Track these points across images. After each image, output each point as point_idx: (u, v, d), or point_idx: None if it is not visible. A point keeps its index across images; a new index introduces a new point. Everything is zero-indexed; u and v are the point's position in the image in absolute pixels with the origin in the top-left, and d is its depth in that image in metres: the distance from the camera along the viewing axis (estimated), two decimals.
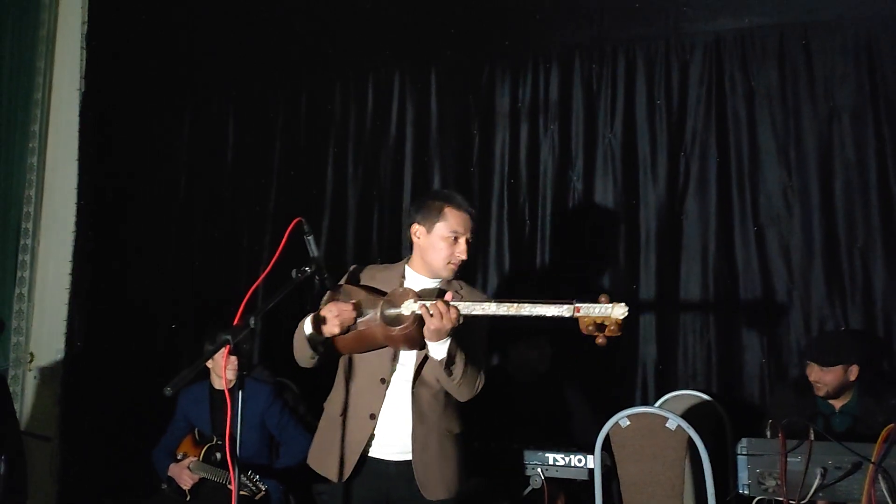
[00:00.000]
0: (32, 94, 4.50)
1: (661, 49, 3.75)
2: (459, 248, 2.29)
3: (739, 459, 2.44)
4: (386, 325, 2.14)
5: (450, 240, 2.29)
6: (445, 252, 2.29)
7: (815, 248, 3.43)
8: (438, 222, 2.30)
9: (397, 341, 2.18)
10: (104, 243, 4.35)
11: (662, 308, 3.60)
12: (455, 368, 2.17)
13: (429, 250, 2.32)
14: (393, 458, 2.28)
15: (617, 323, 1.94)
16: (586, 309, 1.96)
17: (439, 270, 2.31)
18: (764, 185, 3.55)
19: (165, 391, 1.51)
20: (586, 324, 1.96)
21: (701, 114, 3.66)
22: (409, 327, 2.11)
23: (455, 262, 2.30)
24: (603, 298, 1.97)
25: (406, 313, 2.13)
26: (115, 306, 4.31)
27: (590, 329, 1.95)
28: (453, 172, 3.99)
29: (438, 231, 2.30)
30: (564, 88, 3.87)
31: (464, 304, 2.11)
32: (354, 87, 4.23)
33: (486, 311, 2.10)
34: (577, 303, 1.98)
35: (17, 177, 4.42)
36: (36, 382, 4.34)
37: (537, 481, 2.71)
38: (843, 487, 2.36)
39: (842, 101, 3.48)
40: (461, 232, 2.30)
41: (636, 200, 3.70)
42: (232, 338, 1.64)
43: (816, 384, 2.99)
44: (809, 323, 3.41)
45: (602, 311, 1.95)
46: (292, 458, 3.15)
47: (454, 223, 2.29)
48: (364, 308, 2.22)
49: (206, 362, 2.49)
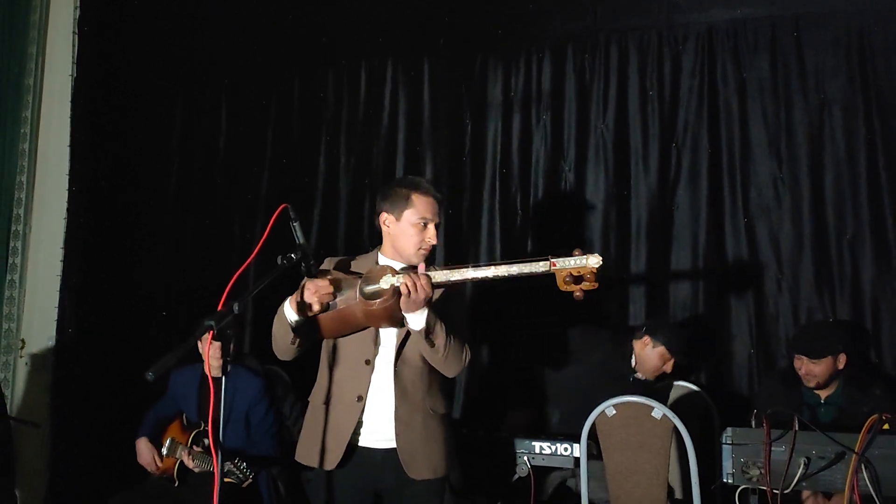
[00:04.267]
0: (24, 79, 4.48)
1: (653, 40, 3.75)
2: (429, 233, 2.31)
3: (724, 448, 2.47)
4: (366, 301, 2.14)
5: (419, 226, 2.30)
6: (416, 238, 2.31)
7: (805, 239, 3.45)
8: (406, 209, 2.32)
9: (378, 317, 2.18)
10: (96, 230, 4.33)
11: (652, 297, 3.62)
12: (436, 338, 2.18)
13: (399, 238, 2.33)
14: (380, 445, 2.28)
15: (592, 272, 2.01)
16: (562, 262, 2.03)
17: (410, 257, 2.33)
18: (755, 177, 3.56)
19: (147, 375, 1.51)
20: (563, 276, 2.02)
21: (693, 105, 3.66)
22: (389, 300, 2.11)
23: (426, 247, 2.32)
24: (577, 251, 2.03)
25: (385, 287, 2.14)
26: (106, 293, 4.30)
27: (567, 281, 2.01)
28: (445, 162, 3.99)
29: (407, 218, 2.31)
30: (557, 79, 3.87)
31: (440, 272, 2.14)
32: (347, 76, 4.21)
33: (465, 275, 2.13)
34: (552, 258, 2.04)
35: (9, 163, 4.41)
36: (27, 369, 4.35)
37: (524, 469, 2.73)
38: (826, 477, 2.38)
39: (832, 94, 3.49)
40: (430, 217, 2.32)
41: (627, 191, 3.71)
42: (216, 323, 1.64)
43: (806, 376, 3.01)
44: (798, 314, 3.43)
45: (577, 263, 2.01)
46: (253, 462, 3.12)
47: (422, 209, 2.31)
48: (343, 287, 2.22)
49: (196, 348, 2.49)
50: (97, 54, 4.42)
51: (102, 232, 4.35)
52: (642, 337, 3.25)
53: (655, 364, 3.21)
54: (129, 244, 4.39)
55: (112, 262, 4.34)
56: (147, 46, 4.47)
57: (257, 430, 3.27)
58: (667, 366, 3.22)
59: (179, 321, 4.25)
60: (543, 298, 3.36)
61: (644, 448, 2.58)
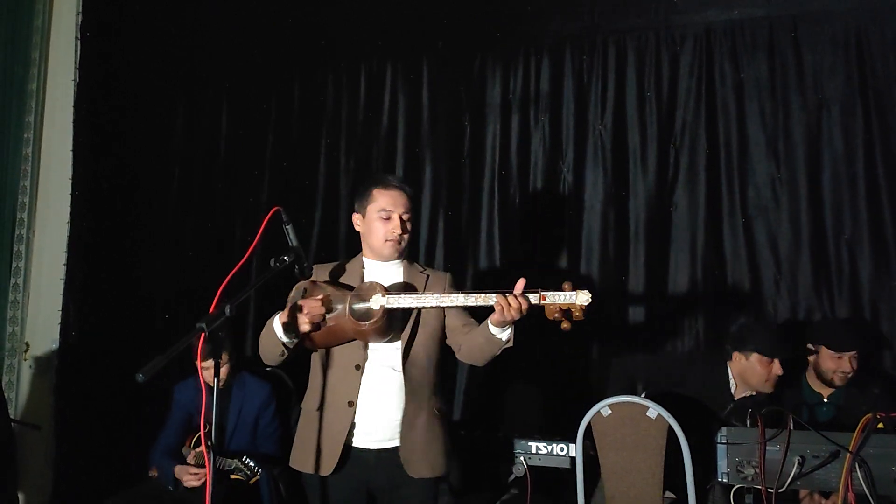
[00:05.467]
0: (27, 84, 4.51)
1: (651, 40, 3.76)
2: (392, 224, 2.33)
3: (719, 448, 2.46)
4: (356, 321, 2.17)
5: (381, 219, 2.33)
6: (380, 231, 2.34)
7: (803, 239, 3.46)
8: (370, 205, 2.36)
9: (367, 335, 2.22)
10: (99, 234, 4.35)
11: (651, 298, 3.61)
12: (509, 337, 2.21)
13: (368, 235, 2.38)
14: (374, 446, 2.30)
15: (581, 309, 2.04)
16: (552, 297, 2.06)
17: (381, 250, 2.36)
18: (752, 177, 3.56)
19: (137, 377, 1.53)
20: (552, 311, 2.05)
21: (691, 105, 3.67)
22: (379, 322, 2.15)
23: (392, 238, 2.34)
24: (566, 286, 2.06)
25: (375, 308, 2.17)
26: (109, 296, 4.31)
27: (556, 315, 2.05)
28: (444, 164, 3.99)
29: (371, 213, 2.36)
30: (555, 80, 3.87)
31: (435, 297, 2.19)
32: (347, 78, 4.22)
33: (455, 302, 2.18)
34: (542, 291, 2.06)
35: (13, 167, 4.43)
36: (31, 372, 4.37)
37: (520, 469, 2.73)
38: (820, 476, 2.37)
39: (830, 93, 3.49)
40: (392, 209, 2.34)
41: (626, 192, 3.71)
42: (207, 325, 1.65)
43: (846, 373, 2.99)
44: (797, 313, 3.43)
45: (567, 299, 2.04)
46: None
47: (383, 202, 2.34)
48: (333, 303, 2.24)
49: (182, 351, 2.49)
50: (99, 58, 4.43)
51: (104, 234, 4.36)
52: (731, 355, 3.08)
53: (760, 373, 2.97)
54: (130, 246, 4.39)
55: (113, 264, 4.35)
56: (148, 49, 4.48)
57: (263, 433, 3.32)
58: (774, 369, 2.96)
59: (181, 323, 4.26)
60: None
61: (639, 448, 2.58)
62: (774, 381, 2.98)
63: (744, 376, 3.05)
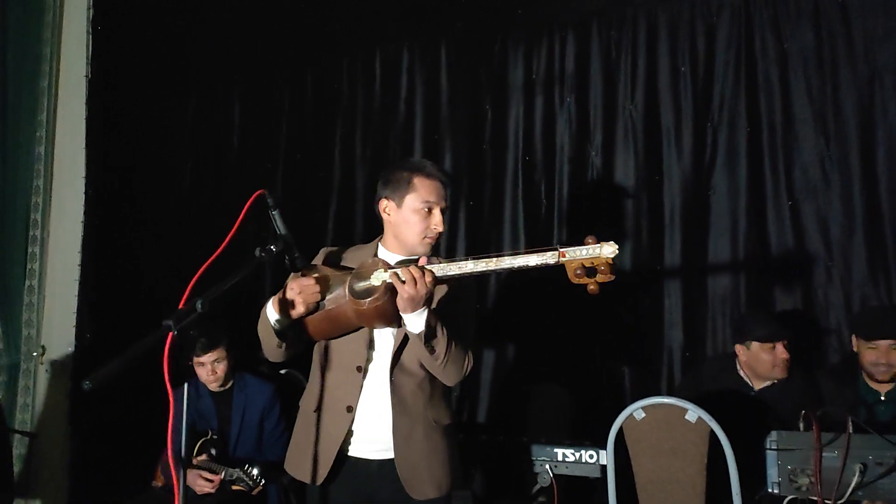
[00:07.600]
0: (39, 81, 4.43)
1: (685, 11, 3.58)
2: (435, 219, 2.12)
3: (769, 455, 2.29)
4: (355, 300, 1.96)
5: (422, 212, 2.11)
6: (420, 226, 2.11)
7: (856, 222, 3.25)
8: (408, 194, 2.12)
9: (370, 317, 1.98)
10: (112, 233, 4.29)
11: (689, 290, 3.45)
12: (437, 343, 1.98)
13: (401, 226, 2.14)
14: (374, 456, 2.10)
15: (607, 263, 1.78)
16: (572, 252, 1.81)
17: (415, 246, 2.13)
18: (799, 156, 3.36)
19: (84, 385, 1.35)
20: (574, 268, 1.80)
21: (729, 80, 3.49)
22: (381, 299, 1.92)
23: (431, 235, 2.13)
24: (590, 240, 1.81)
25: (376, 283, 1.95)
26: (124, 297, 4.24)
27: (578, 274, 1.80)
28: (465, 150, 3.90)
29: (409, 204, 2.12)
30: (581, 58, 3.73)
31: (438, 265, 1.94)
32: (362, 64, 4.15)
33: (464, 269, 1.91)
34: (561, 248, 1.83)
35: (25, 167, 4.35)
36: (47, 376, 4.30)
37: (546, 479, 2.53)
38: (885, 486, 2.18)
39: (883, 62, 3.26)
40: (434, 202, 2.12)
41: (659, 176, 3.55)
42: (174, 323, 1.47)
43: (877, 365, 2.80)
44: (851, 303, 3.22)
45: (590, 253, 1.80)
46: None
47: (425, 193, 2.11)
48: (332, 285, 2.04)
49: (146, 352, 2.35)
50: (111, 54, 4.37)
51: (119, 235, 4.31)
52: (734, 349, 3.04)
53: (765, 360, 2.92)
54: (146, 246, 4.34)
55: (127, 264, 4.29)
56: (160, 44, 4.42)
57: (269, 438, 3.21)
58: (778, 352, 2.90)
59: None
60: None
61: (677, 455, 2.36)
62: (784, 366, 2.92)
63: (753, 367, 2.99)
